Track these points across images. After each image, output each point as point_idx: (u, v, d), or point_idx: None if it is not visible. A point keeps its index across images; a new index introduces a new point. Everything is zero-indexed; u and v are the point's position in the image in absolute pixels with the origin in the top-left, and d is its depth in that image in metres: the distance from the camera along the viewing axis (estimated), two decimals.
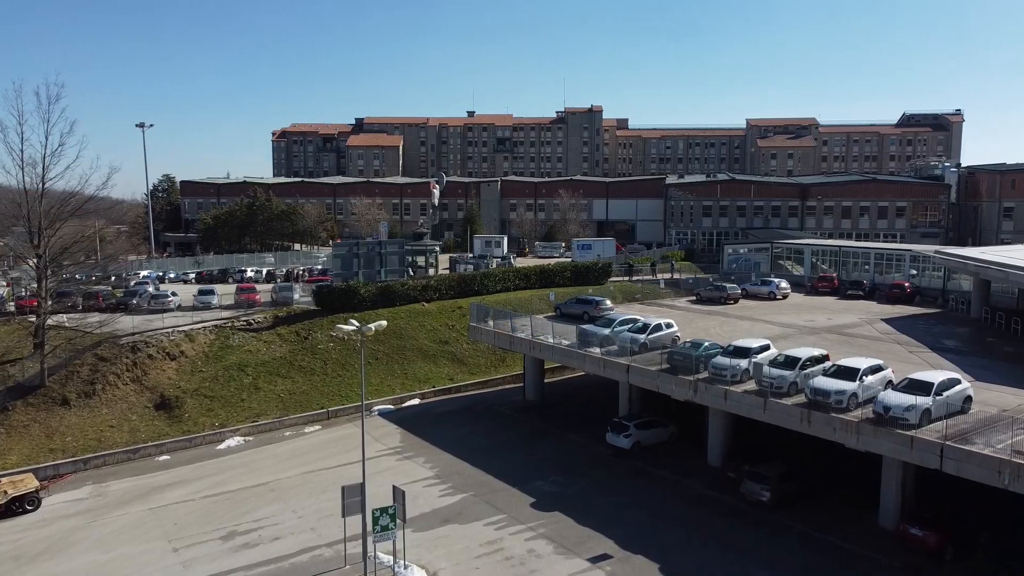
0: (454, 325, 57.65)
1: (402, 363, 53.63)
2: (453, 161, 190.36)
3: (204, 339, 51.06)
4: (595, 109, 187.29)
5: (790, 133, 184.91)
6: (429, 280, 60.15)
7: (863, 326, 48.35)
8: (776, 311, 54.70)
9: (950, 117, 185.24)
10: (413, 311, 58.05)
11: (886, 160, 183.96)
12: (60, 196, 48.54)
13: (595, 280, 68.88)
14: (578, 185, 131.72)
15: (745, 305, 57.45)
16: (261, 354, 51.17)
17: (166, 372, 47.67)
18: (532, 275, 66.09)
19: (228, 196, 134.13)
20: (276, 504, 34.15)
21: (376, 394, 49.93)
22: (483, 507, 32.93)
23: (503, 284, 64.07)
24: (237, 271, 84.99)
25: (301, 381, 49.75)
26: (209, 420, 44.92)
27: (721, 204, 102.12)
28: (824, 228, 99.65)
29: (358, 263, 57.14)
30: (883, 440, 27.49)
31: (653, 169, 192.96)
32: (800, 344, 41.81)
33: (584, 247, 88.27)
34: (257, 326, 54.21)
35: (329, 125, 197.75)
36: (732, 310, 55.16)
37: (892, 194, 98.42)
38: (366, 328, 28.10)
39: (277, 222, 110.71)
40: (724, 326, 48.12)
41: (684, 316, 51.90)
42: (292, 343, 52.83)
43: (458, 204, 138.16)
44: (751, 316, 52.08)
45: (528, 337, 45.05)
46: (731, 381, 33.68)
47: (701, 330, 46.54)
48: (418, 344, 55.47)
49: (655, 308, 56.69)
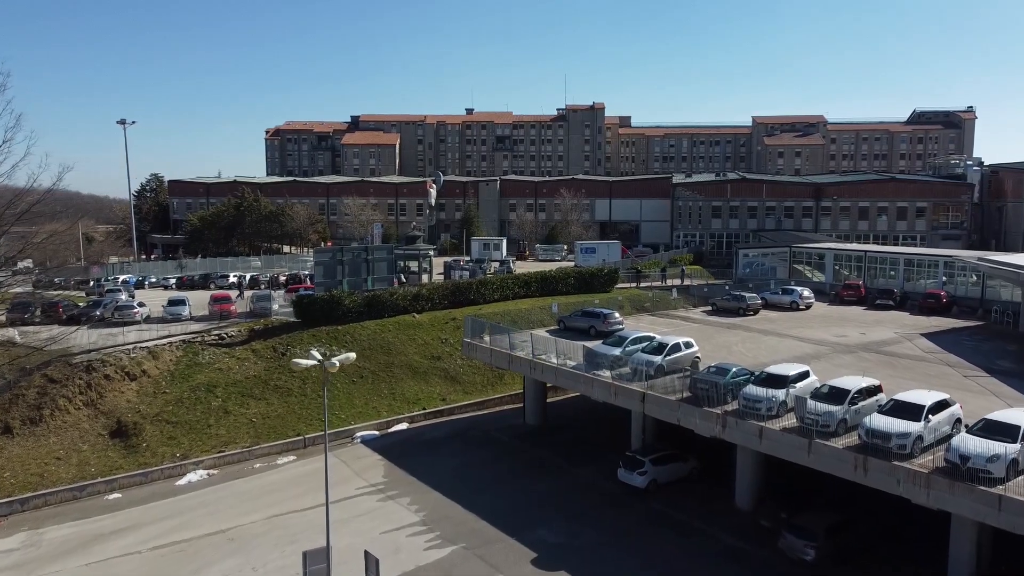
0: (447, 339, 52.70)
1: (389, 381, 48.67)
2: (451, 160, 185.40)
3: (170, 356, 46.12)
4: (597, 107, 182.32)
5: (797, 131, 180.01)
6: (421, 289, 55.18)
7: (902, 343, 43.39)
8: (802, 324, 49.75)
9: (962, 114, 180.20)
10: (403, 323, 53.11)
11: (896, 158, 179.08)
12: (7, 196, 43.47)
13: (601, 287, 63.97)
14: (580, 184, 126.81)
15: (766, 316, 52.49)
16: (233, 373, 46.22)
17: (125, 394, 42.72)
18: (533, 282, 61.15)
19: (218, 196, 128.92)
20: (235, 558, 29.23)
21: (360, 417, 45.00)
22: (476, 564, 27.99)
23: (501, 292, 59.14)
24: (219, 276, 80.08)
25: (276, 403, 44.79)
26: (170, 450, 39.95)
27: (731, 204, 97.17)
28: (840, 230, 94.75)
29: (342, 271, 52.12)
30: (962, 498, 22.56)
31: (656, 168, 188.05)
32: (836, 365, 36.97)
33: (588, 250, 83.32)
34: (230, 340, 49.26)
35: (324, 123, 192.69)
36: (753, 323, 50.20)
37: (911, 194, 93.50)
38: (329, 364, 23.23)
39: (265, 223, 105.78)
40: (747, 343, 43.17)
41: (701, 330, 46.98)
42: (268, 360, 47.87)
43: (456, 204, 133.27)
44: (775, 330, 47.12)
45: (528, 356, 40.12)
46: (766, 416, 28.75)
47: (722, 348, 41.62)
48: (408, 360, 50.51)
49: (668, 320, 51.77)
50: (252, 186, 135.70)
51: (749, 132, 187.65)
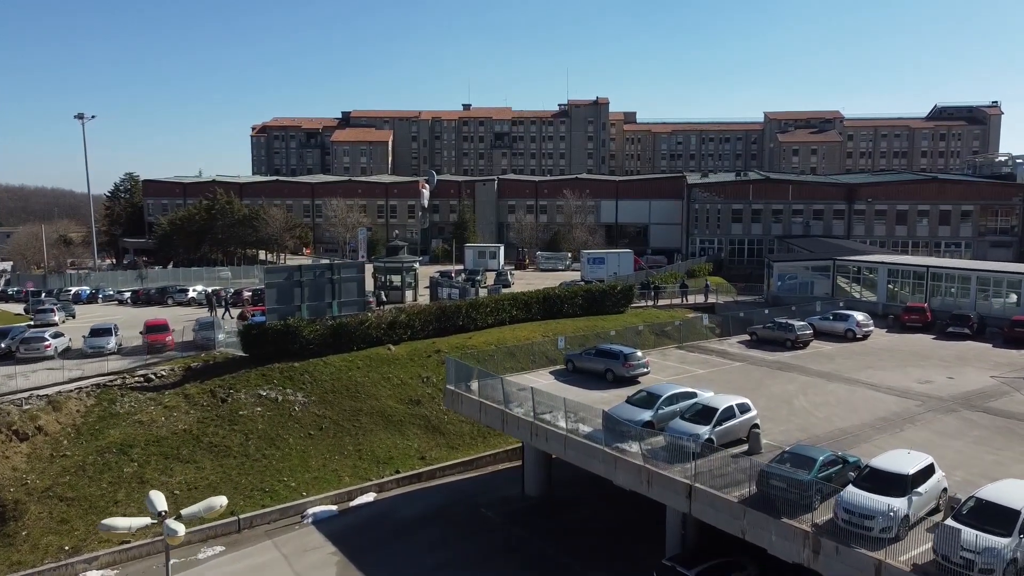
0: (429, 377, 43.21)
1: (356, 434, 39.15)
2: (447, 158, 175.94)
3: (77, 406, 36.62)
4: (601, 102, 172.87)
5: (812, 127, 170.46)
6: (398, 315, 45.61)
7: (1010, 393, 33.84)
8: (868, 361, 40.21)
9: (986, 109, 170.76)
10: (375, 358, 43.60)
11: (917, 156, 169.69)
12: None
13: (613, 307, 54.58)
14: (584, 184, 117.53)
15: (819, 350, 42.93)
16: (157, 427, 36.70)
17: (11, 460, 33.23)
18: (533, 303, 51.67)
19: (195, 197, 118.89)
20: None
21: (316, 485, 35.52)
22: None
23: (496, 316, 49.70)
24: (177, 290, 70.51)
25: (209, 468, 35.27)
26: (57, 540, 30.46)
27: (754, 207, 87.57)
28: (875, 235, 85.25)
29: (301, 294, 42.61)
30: None
31: (663, 167, 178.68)
32: (938, 434, 27.64)
33: (596, 261, 73.81)
34: (160, 382, 39.79)
35: (313, 119, 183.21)
36: (808, 360, 40.64)
37: (956, 196, 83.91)
38: (169, 532, 13.74)
39: (239, 228, 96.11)
40: (810, 393, 33.64)
41: (746, 373, 37.49)
42: (204, 408, 38.36)
43: (451, 205, 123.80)
44: (839, 373, 37.58)
45: (528, 417, 30.62)
46: (880, 536, 19.28)
47: (779, 402, 32.11)
48: (380, 405, 41.00)
49: (700, 356, 42.26)
50: (230, 186, 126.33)
51: (761, 128, 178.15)
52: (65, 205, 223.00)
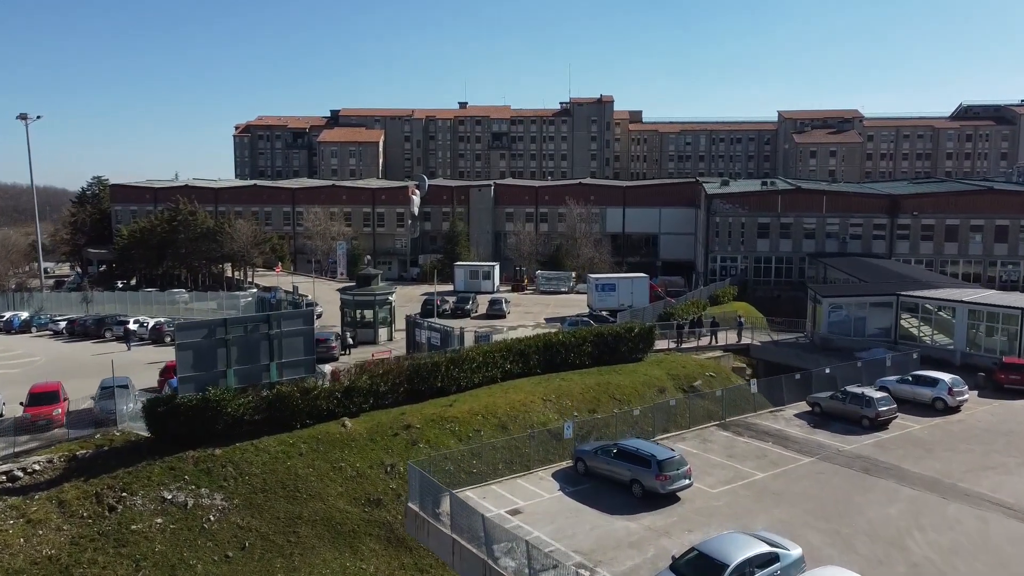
0: (395, 465, 32.97)
1: (290, 555, 29.01)
2: (442, 159, 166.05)
3: None
4: (605, 100, 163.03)
5: (830, 127, 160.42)
6: (357, 377, 35.37)
7: None
8: (978, 454, 30.03)
9: (1016, 108, 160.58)
10: (324, 438, 33.38)
11: (942, 158, 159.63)
12: None
13: (630, 354, 44.57)
14: (588, 190, 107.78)
15: (908, 431, 32.66)
16: (12, 554, 26.61)
17: None
18: (532, 353, 41.45)
19: (167, 202, 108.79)
20: None
21: None
22: None
23: (486, 372, 39.55)
24: (117, 322, 60.31)
25: None
26: None
27: (782, 221, 77.36)
28: (921, 254, 75.03)
29: (227, 355, 32.48)
30: None
31: (671, 168, 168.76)
32: None
33: (605, 288, 63.62)
34: (30, 480, 29.71)
35: (300, 118, 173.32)
36: (897, 451, 30.42)
37: (1015, 209, 73.64)
38: None
39: (202, 242, 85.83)
40: (927, 528, 23.44)
41: (818, 480, 27.33)
42: (83, 522, 28.23)
43: (443, 213, 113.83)
44: (950, 478, 27.41)
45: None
46: None
47: (885, 546, 21.97)
48: (327, 509, 30.83)
49: (753, 444, 32.13)
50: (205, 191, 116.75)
51: (775, 128, 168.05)
52: (57, 204, 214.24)
